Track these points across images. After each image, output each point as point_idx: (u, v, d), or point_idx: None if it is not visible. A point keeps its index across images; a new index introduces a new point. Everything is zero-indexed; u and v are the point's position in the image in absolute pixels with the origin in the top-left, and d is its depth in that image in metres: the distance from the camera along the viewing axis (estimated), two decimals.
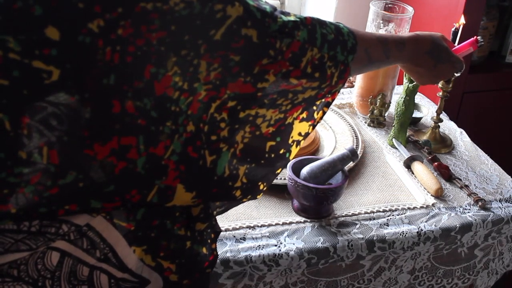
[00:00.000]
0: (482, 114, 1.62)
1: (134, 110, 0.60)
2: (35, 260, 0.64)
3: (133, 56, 0.58)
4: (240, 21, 0.64)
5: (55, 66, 0.55)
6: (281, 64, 0.70)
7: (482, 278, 1.17)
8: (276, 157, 0.80)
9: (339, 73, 0.78)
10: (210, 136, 0.69)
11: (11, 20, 0.53)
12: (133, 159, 0.63)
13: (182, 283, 0.74)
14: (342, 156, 1.01)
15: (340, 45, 0.77)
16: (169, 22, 0.59)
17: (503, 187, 1.17)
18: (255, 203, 1.05)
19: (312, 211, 1.03)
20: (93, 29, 0.55)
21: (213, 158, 0.70)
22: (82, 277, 0.66)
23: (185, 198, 0.70)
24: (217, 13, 0.62)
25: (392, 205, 1.08)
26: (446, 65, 0.95)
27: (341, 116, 1.32)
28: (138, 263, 0.69)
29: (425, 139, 1.29)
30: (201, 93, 0.65)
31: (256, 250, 0.94)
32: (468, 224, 1.05)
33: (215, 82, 0.65)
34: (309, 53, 0.72)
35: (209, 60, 0.64)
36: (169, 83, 0.61)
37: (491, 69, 1.63)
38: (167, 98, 0.62)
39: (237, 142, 0.73)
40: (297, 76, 0.72)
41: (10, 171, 0.57)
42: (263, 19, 0.67)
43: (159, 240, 0.70)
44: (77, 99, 0.57)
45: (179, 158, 0.66)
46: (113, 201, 0.65)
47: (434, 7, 1.50)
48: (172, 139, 0.65)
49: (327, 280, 1.01)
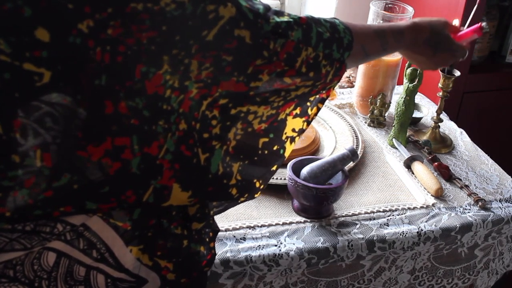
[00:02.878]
0: (482, 114, 1.62)
1: (126, 110, 0.60)
2: (31, 261, 0.64)
3: (123, 55, 0.58)
4: (233, 22, 0.64)
5: (46, 68, 0.55)
6: (276, 65, 0.70)
7: (482, 278, 1.16)
8: (270, 153, 0.80)
9: (334, 71, 0.78)
10: (202, 134, 0.68)
11: (1, 21, 0.52)
12: (127, 159, 0.62)
13: (180, 281, 0.73)
14: (342, 156, 1.01)
15: (336, 43, 0.76)
16: (160, 22, 0.59)
17: (503, 187, 1.17)
18: (255, 203, 1.05)
19: (312, 211, 1.03)
20: (83, 29, 0.55)
21: (206, 156, 0.70)
22: (79, 277, 0.66)
23: (181, 198, 0.69)
24: (209, 13, 0.62)
25: (392, 205, 1.08)
26: (446, 54, 0.95)
27: (341, 116, 1.32)
28: (135, 262, 0.69)
29: (425, 139, 1.29)
30: (192, 91, 0.65)
31: (256, 250, 0.94)
32: (468, 224, 1.05)
33: (206, 80, 0.65)
34: (303, 53, 0.72)
35: (200, 60, 0.63)
36: (160, 82, 0.61)
37: (491, 69, 1.63)
38: (158, 97, 0.62)
39: (230, 139, 0.72)
40: (291, 76, 0.72)
41: (3, 175, 0.57)
42: (255, 20, 0.67)
43: (156, 239, 0.70)
44: (70, 100, 0.57)
45: (173, 157, 0.66)
46: (109, 202, 0.64)
47: (434, 7, 1.50)
48: (165, 138, 0.64)
49: (327, 280, 1.01)
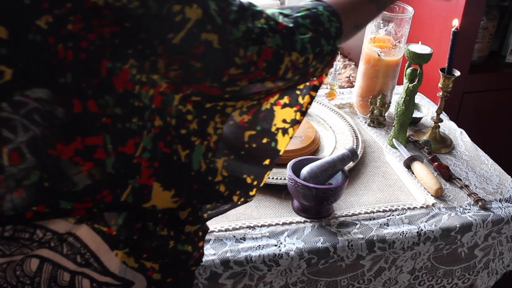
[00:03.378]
0: (482, 114, 1.62)
1: (97, 108, 0.59)
2: (14, 267, 0.63)
3: (86, 51, 0.57)
4: (200, 24, 0.61)
5: (7, 65, 0.54)
6: (256, 74, 0.67)
7: (482, 278, 1.16)
8: (259, 147, 0.76)
9: (325, 64, 0.74)
10: (179, 130, 0.66)
11: None
12: (101, 159, 0.61)
13: (166, 281, 0.72)
14: (342, 156, 1.01)
15: (323, 37, 0.72)
16: (123, 19, 0.57)
17: (503, 187, 1.17)
18: (255, 203, 1.05)
19: (312, 211, 1.03)
20: (41, 25, 0.54)
21: (187, 153, 0.67)
22: (63, 282, 0.66)
23: (164, 198, 0.67)
24: (176, 15, 0.60)
25: (392, 205, 1.08)
26: None
27: (341, 116, 1.32)
28: (121, 266, 0.68)
29: (425, 139, 1.29)
30: (162, 84, 0.62)
31: (256, 250, 0.94)
32: (468, 224, 1.05)
33: (175, 79, 0.63)
34: (286, 58, 0.68)
35: (167, 61, 0.61)
36: (127, 77, 0.59)
37: (491, 69, 1.63)
38: (128, 93, 0.60)
39: (210, 134, 0.69)
40: (274, 81, 0.70)
41: None
42: (223, 25, 0.63)
43: (142, 242, 0.69)
44: (35, 98, 0.56)
45: (151, 155, 0.64)
46: (84, 201, 0.63)
47: (434, 7, 1.50)
48: (141, 135, 0.62)
49: (327, 280, 1.01)
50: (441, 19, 1.47)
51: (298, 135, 1.20)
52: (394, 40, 1.31)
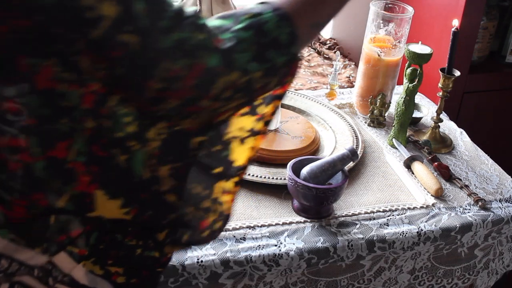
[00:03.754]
0: (482, 114, 1.62)
1: (17, 109, 0.55)
2: None
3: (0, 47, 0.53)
4: (117, 24, 0.53)
5: None
6: (184, 93, 0.59)
7: (482, 278, 1.17)
8: (210, 155, 0.69)
9: (281, 76, 0.65)
10: (114, 133, 0.60)
11: None
12: (26, 161, 0.57)
13: (130, 282, 0.70)
14: (342, 156, 1.01)
15: (272, 49, 0.62)
16: (33, 11, 0.52)
17: (503, 187, 1.17)
18: (255, 203, 1.05)
19: (312, 211, 1.03)
20: None
21: (126, 158, 0.61)
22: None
23: (110, 207, 0.63)
24: (86, 10, 0.52)
25: (392, 205, 1.08)
26: None
27: (341, 116, 1.32)
28: (89, 276, 0.66)
29: (425, 139, 1.29)
30: (94, 84, 0.57)
31: (256, 250, 0.94)
32: (468, 224, 1.05)
33: (106, 80, 0.57)
34: (223, 78, 0.59)
35: (93, 57, 0.55)
36: (51, 75, 0.55)
37: (491, 69, 1.62)
38: (54, 92, 0.56)
39: (152, 140, 0.62)
40: (210, 100, 0.61)
41: None
42: (150, 29, 0.55)
43: (108, 251, 0.67)
44: None
45: (87, 159, 0.59)
46: (20, 198, 0.60)
47: (434, 7, 1.50)
48: (73, 138, 0.58)
49: (327, 280, 1.01)
50: (441, 19, 1.47)
51: (298, 135, 1.20)
52: (394, 40, 1.31)
